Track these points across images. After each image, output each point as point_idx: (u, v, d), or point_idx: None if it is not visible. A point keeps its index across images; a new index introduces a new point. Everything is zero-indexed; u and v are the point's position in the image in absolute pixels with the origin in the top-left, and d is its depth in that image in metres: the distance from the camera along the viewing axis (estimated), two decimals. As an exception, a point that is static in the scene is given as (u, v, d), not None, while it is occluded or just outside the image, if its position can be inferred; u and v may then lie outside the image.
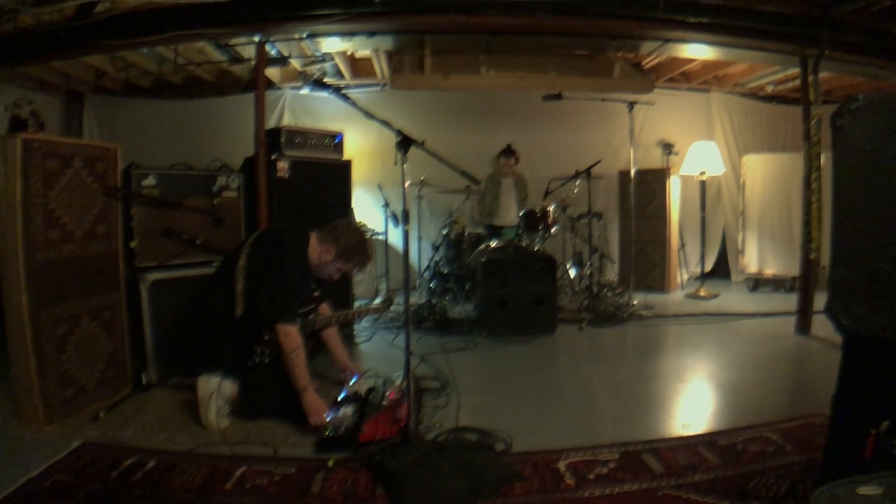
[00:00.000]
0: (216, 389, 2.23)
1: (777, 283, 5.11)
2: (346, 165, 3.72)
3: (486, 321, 3.75)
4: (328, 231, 2.43)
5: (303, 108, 5.31)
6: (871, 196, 1.30)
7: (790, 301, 4.00)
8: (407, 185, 2.02)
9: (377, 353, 3.42)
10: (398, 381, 2.46)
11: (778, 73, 4.81)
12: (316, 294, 2.59)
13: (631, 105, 4.20)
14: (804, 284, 3.71)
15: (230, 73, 4.77)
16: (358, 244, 2.45)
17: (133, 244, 2.70)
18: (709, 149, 5.04)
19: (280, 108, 5.24)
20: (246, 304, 2.30)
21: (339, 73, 5.04)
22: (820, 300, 1.89)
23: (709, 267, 5.43)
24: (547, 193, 4.71)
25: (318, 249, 2.41)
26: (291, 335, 2.21)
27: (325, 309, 2.65)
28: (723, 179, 5.62)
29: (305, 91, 5.20)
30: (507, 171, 4.99)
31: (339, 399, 2.35)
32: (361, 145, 5.14)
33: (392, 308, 4.38)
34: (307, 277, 2.47)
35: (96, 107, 5.14)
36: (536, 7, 3.20)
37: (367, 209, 5.26)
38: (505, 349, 3.47)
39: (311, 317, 2.52)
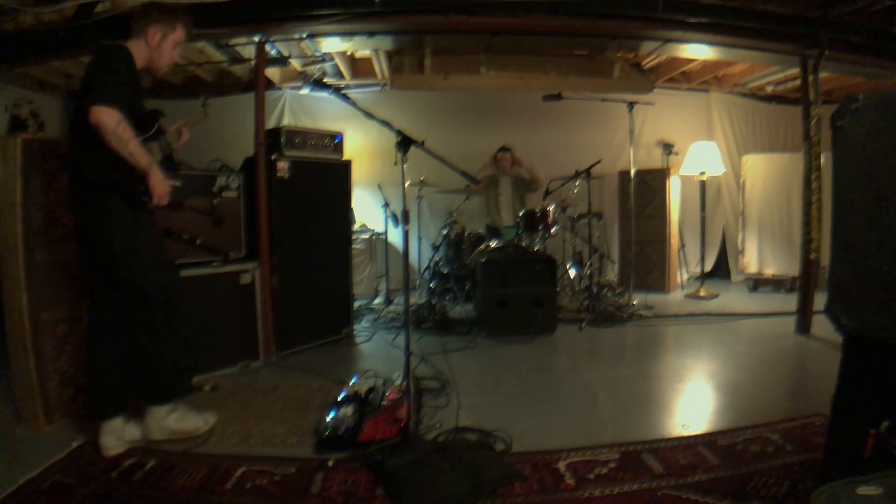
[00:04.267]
0: (116, 431, 2.06)
1: (777, 283, 5.12)
2: (346, 165, 3.71)
3: (486, 321, 3.75)
4: (135, 24, 2.14)
5: (303, 109, 5.31)
6: (871, 196, 1.31)
7: (790, 301, 4.00)
8: (407, 185, 2.02)
9: (377, 353, 3.42)
10: (398, 381, 2.46)
11: (778, 73, 4.82)
12: (157, 125, 2.23)
13: (631, 105, 4.20)
14: (804, 284, 3.71)
15: (230, 73, 4.77)
16: (165, 6, 2.17)
17: (133, 244, 2.70)
18: (709, 149, 5.04)
19: (280, 108, 5.25)
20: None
21: (339, 73, 5.04)
22: (820, 300, 1.89)
23: (709, 267, 5.44)
24: (547, 193, 4.71)
25: (141, 44, 2.11)
26: (106, 111, 1.82)
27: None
28: (723, 179, 5.63)
29: (305, 91, 5.20)
30: (503, 168, 4.98)
31: (339, 399, 2.34)
32: (361, 145, 5.15)
33: (392, 307, 4.43)
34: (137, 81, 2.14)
35: (96, 107, 5.13)
36: (536, 7, 3.20)
37: (367, 209, 5.28)
38: (505, 349, 3.47)
39: (161, 137, 2.22)
